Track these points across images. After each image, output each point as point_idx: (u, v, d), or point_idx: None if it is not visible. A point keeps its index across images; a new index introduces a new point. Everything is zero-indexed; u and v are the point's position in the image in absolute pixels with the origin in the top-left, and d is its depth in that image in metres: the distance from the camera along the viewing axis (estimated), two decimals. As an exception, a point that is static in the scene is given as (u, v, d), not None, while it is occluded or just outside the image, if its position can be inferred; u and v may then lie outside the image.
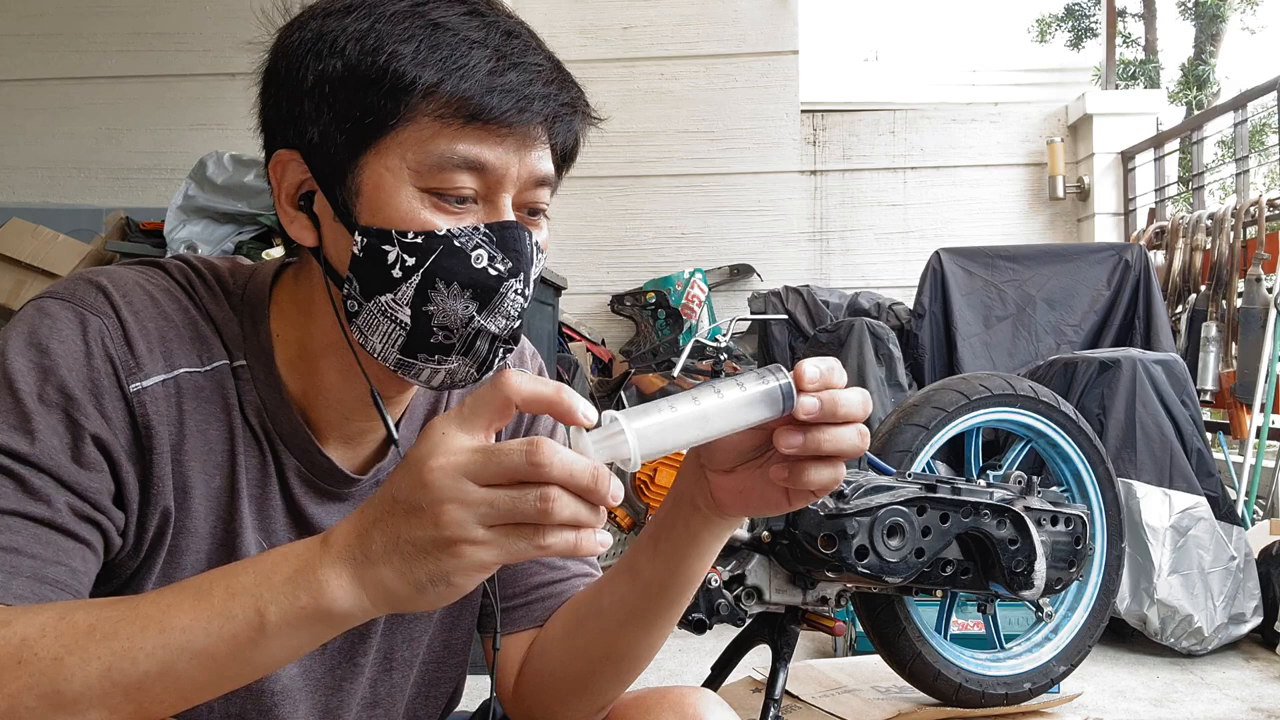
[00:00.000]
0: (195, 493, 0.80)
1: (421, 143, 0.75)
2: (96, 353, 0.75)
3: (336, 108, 0.76)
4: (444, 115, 0.74)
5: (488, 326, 0.78)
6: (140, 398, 0.76)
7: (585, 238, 5.37)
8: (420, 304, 0.77)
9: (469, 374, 0.80)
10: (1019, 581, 1.71)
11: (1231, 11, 14.70)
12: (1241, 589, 2.69)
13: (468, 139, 0.75)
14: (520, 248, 0.78)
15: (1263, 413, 3.50)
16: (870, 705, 2.08)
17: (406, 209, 0.75)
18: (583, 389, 3.76)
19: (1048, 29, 17.28)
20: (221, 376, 0.82)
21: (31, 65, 5.45)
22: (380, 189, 0.76)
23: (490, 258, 0.76)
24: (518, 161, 0.77)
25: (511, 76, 0.75)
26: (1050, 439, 2.15)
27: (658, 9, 5.43)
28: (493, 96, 0.74)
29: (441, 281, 0.76)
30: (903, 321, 3.96)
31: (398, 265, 0.76)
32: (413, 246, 0.75)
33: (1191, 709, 2.29)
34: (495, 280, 0.77)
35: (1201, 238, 4.04)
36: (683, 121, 5.41)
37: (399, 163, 0.75)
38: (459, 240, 0.76)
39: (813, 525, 1.55)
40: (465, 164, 0.75)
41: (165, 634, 0.64)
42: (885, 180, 5.48)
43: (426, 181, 0.75)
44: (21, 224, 3.41)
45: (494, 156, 0.76)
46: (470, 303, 0.77)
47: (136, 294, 0.79)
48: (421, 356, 0.79)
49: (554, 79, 0.78)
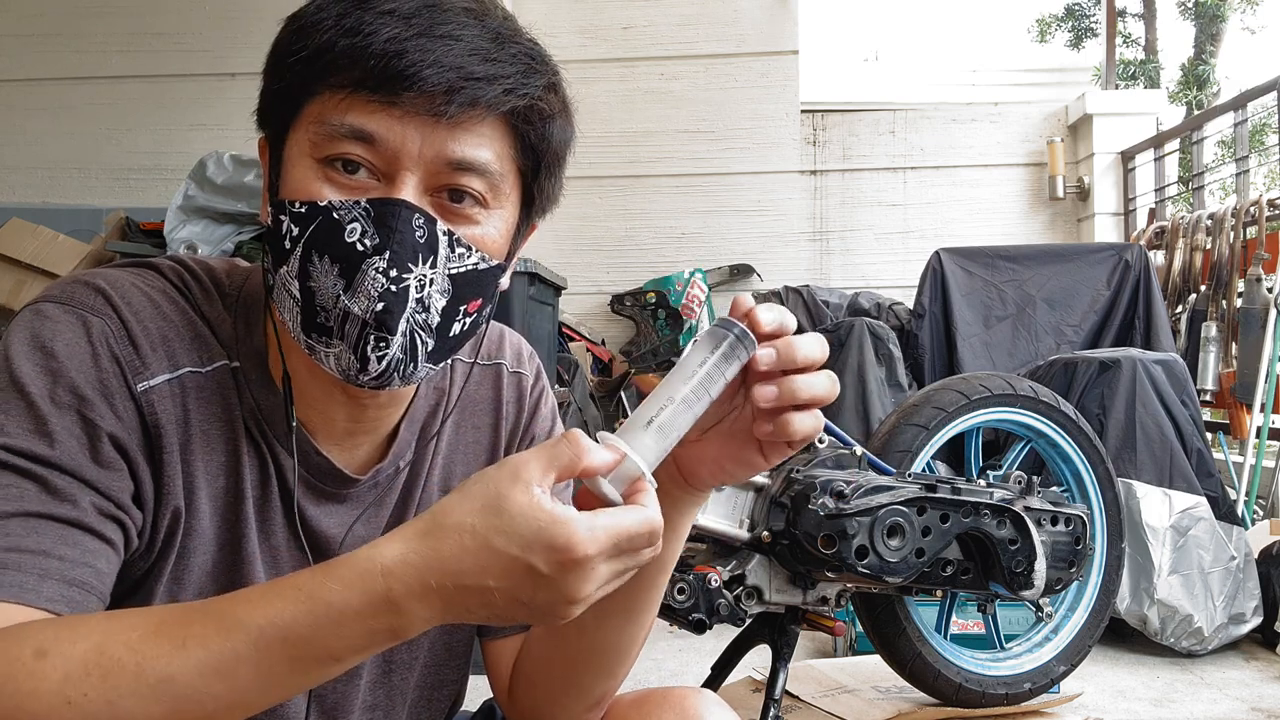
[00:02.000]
0: (201, 493, 0.79)
1: (320, 113, 0.74)
2: (103, 353, 0.74)
3: (269, 87, 0.78)
4: (338, 86, 0.73)
5: (351, 307, 0.73)
6: (148, 397, 0.76)
7: (585, 238, 5.37)
8: (305, 279, 0.74)
9: (351, 362, 0.75)
10: (1019, 581, 1.71)
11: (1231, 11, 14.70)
12: (1241, 589, 2.69)
13: (358, 110, 0.72)
14: (396, 225, 0.72)
15: (1263, 413, 3.50)
16: (870, 705, 2.08)
17: (302, 178, 0.75)
18: (583, 389, 3.75)
19: (1048, 29, 17.28)
20: (222, 376, 0.81)
21: (31, 65, 5.45)
22: (290, 161, 0.76)
23: (362, 232, 0.72)
24: (419, 138, 0.73)
25: (411, 44, 0.71)
26: (1050, 439, 2.15)
27: (658, 9, 5.43)
28: (386, 64, 0.71)
29: (316, 254, 0.73)
30: (903, 321, 3.96)
31: (287, 236, 0.75)
32: (298, 216, 0.74)
33: (1191, 709, 2.29)
34: (359, 255, 0.72)
35: (1201, 238, 4.04)
36: (683, 121, 5.41)
37: (304, 135, 0.75)
38: (337, 212, 0.73)
39: (813, 525, 1.54)
40: (351, 134, 0.73)
41: (232, 680, 0.62)
42: (885, 180, 5.48)
43: (321, 151, 0.74)
44: (21, 224, 3.41)
45: (384, 128, 0.72)
46: (338, 280, 0.73)
47: (134, 295, 0.78)
48: (314, 336, 0.75)
49: (475, 53, 0.73)
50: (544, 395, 1.01)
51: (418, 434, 0.91)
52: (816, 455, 1.64)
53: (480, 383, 0.96)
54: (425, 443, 0.92)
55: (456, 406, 0.94)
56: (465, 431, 0.95)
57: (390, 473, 0.89)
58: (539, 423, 1.00)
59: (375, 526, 0.89)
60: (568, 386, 3.43)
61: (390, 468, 0.89)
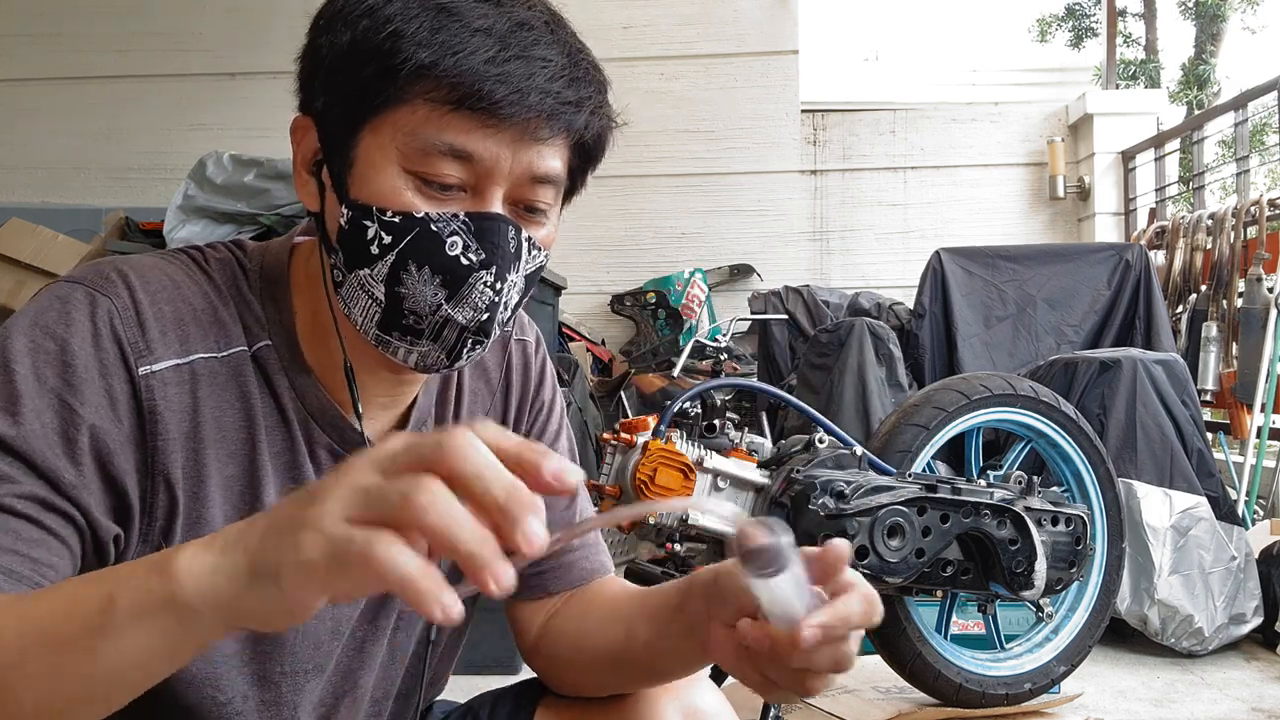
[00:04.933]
0: (211, 481, 0.79)
1: (412, 125, 0.74)
2: (104, 333, 0.74)
3: (340, 80, 0.76)
4: (435, 100, 0.73)
5: (454, 316, 0.77)
6: (148, 381, 0.75)
7: (585, 238, 5.37)
8: (393, 284, 0.76)
9: (439, 359, 0.79)
10: (1019, 582, 1.71)
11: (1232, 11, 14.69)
12: (1242, 589, 2.69)
13: (456, 127, 0.74)
14: (498, 240, 0.76)
15: (1263, 413, 3.49)
16: (870, 705, 2.08)
17: (390, 188, 0.75)
18: (583, 389, 3.75)
19: (1048, 29, 17.27)
20: (239, 363, 0.81)
21: (31, 65, 5.46)
22: (370, 165, 0.76)
23: (465, 246, 0.75)
24: (510, 156, 0.75)
25: (511, 67, 0.73)
26: (1050, 439, 2.15)
27: (658, 9, 5.43)
28: (486, 84, 0.72)
29: (414, 264, 0.75)
30: (903, 321, 3.95)
31: (375, 242, 0.76)
32: (390, 225, 0.75)
33: (1192, 709, 2.29)
34: (465, 270, 0.76)
35: (1202, 238, 4.04)
36: (683, 121, 5.41)
37: (389, 142, 0.75)
38: (435, 225, 0.75)
39: (813, 525, 1.54)
40: (451, 152, 0.74)
41: (23, 623, 0.59)
42: (885, 180, 5.48)
43: (413, 164, 0.75)
44: (21, 224, 3.41)
45: (482, 148, 0.74)
46: (439, 290, 0.76)
47: (155, 276, 0.79)
48: (395, 335, 0.78)
49: (562, 75, 0.76)
50: (546, 361, 1.05)
51: (435, 400, 0.94)
52: (816, 455, 1.64)
53: (492, 350, 0.99)
54: (444, 410, 0.95)
55: (472, 373, 0.97)
56: (481, 397, 0.98)
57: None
58: (545, 390, 1.03)
59: None
60: (568, 386, 3.43)
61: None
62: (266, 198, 2.95)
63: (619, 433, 1.67)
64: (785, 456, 1.70)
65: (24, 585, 0.66)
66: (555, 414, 1.05)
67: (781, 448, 1.74)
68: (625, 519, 0.60)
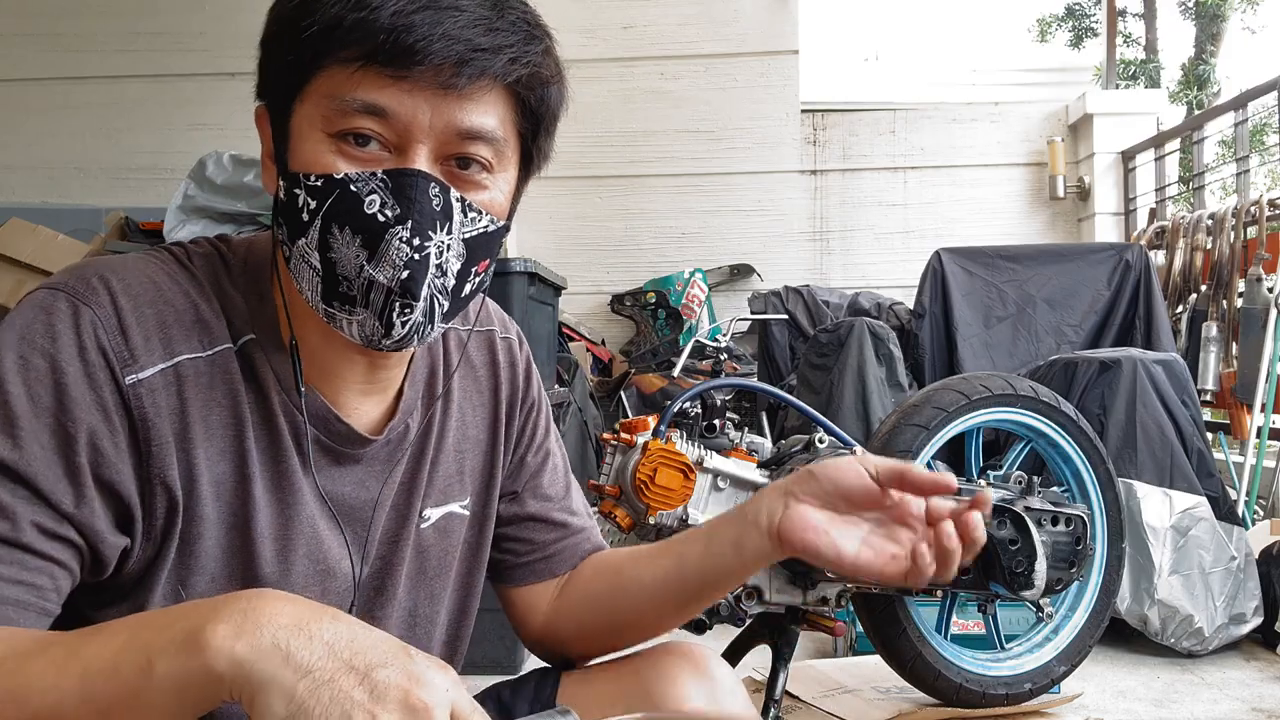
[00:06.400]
0: (202, 480, 0.79)
1: (329, 88, 0.75)
2: (90, 345, 0.74)
3: (271, 59, 0.78)
4: (346, 60, 0.73)
5: (376, 276, 0.75)
6: (136, 390, 0.75)
7: (585, 238, 5.37)
8: (325, 250, 0.76)
9: (375, 327, 0.78)
10: (1019, 582, 1.71)
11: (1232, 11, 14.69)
12: (1242, 589, 2.69)
13: (368, 84, 0.74)
14: (415, 195, 0.75)
15: (1263, 413, 3.49)
16: (870, 705, 2.08)
17: (314, 152, 0.76)
18: (583, 389, 3.75)
19: (1048, 29, 17.27)
20: (225, 360, 0.81)
21: (31, 65, 5.46)
22: (299, 135, 0.77)
23: (381, 203, 0.75)
24: (429, 109, 0.74)
25: (419, 18, 0.72)
26: (1050, 439, 2.15)
27: (658, 9, 5.43)
28: (391, 35, 0.72)
29: (336, 226, 0.75)
30: (903, 321, 3.95)
31: (305, 209, 0.76)
32: (314, 189, 0.76)
33: (1192, 709, 2.29)
34: (381, 226, 0.75)
35: (1202, 238, 4.04)
36: (683, 121, 5.41)
37: (314, 109, 0.76)
38: (355, 185, 0.75)
39: (813, 525, 1.54)
40: (365, 109, 0.74)
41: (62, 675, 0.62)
42: (885, 180, 5.48)
43: (333, 126, 0.75)
44: (21, 224, 3.41)
45: (396, 103, 0.74)
46: (361, 250, 0.75)
47: (137, 279, 0.78)
48: (336, 305, 0.78)
49: (479, 23, 0.74)
50: (529, 357, 1.07)
51: (422, 392, 0.94)
52: (816, 455, 1.64)
53: (478, 348, 1.01)
54: (432, 404, 0.95)
55: (459, 370, 0.98)
56: (470, 395, 0.99)
57: (400, 430, 0.91)
58: (533, 389, 1.05)
59: (392, 484, 0.91)
60: (568, 386, 3.43)
61: (400, 425, 0.91)
62: (266, 198, 2.95)
63: (619, 433, 1.67)
64: (785, 456, 1.70)
65: (32, 613, 0.70)
66: (543, 411, 1.07)
67: (781, 448, 1.74)
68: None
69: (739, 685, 0.97)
